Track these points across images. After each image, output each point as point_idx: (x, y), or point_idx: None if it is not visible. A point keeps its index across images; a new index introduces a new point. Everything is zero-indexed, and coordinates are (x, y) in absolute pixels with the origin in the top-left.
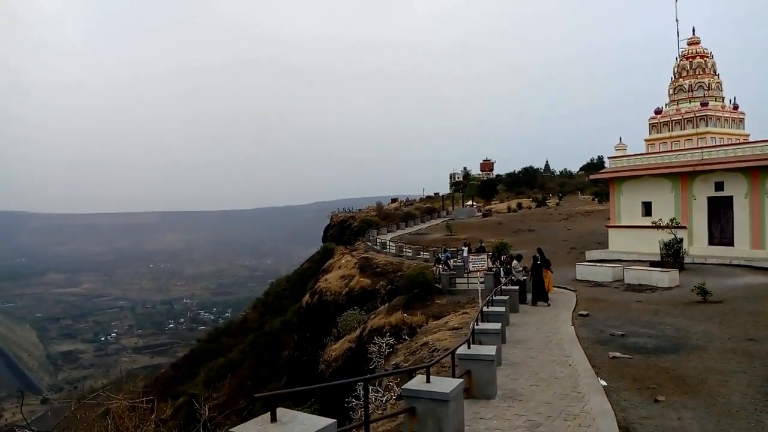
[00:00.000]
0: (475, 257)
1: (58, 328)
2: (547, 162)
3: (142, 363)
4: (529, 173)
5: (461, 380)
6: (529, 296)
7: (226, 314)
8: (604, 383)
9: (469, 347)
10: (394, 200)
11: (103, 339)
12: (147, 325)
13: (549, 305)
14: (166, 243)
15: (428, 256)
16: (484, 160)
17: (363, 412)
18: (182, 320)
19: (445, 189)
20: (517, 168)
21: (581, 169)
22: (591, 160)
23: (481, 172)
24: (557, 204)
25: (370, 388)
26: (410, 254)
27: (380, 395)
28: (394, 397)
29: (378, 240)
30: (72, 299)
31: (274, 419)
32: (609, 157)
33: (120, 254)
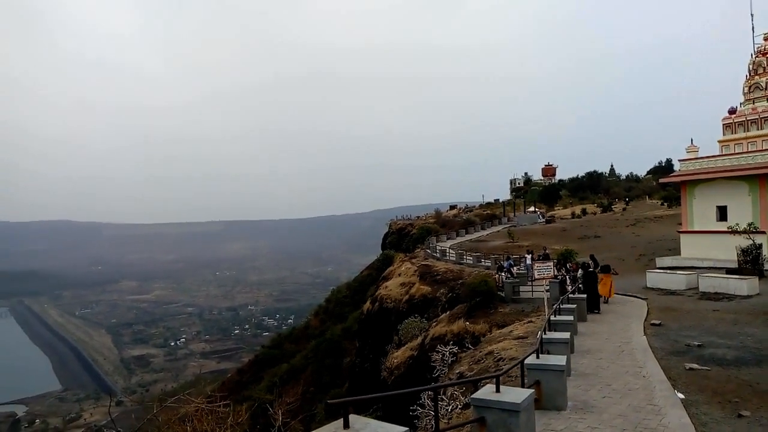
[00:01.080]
0: (541, 264)
1: (131, 333)
2: (612, 166)
3: (209, 368)
4: (593, 178)
5: (531, 391)
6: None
7: (289, 321)
8: (681, 396)
9: (537, 357)
10: (452, 207)
11: (172, 344)
12: (214, 331)
13: (598, 313)
14: (231, 251)
15: (490, 264)
16: (545, 165)
17: (428, 421)
18: (247, 326)
19: (505, 195)
20: (581, 172)
21: (649, 172)
22: (659, 163)
23: (542, 178)
24: (624, 209)
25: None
26: (471, 262)
27: (445, 404)
28: (459, 407)
29: (437, 247)
30: (144, 305)
31: (346, 425)
32: (680, 160)
33: (188, 262)
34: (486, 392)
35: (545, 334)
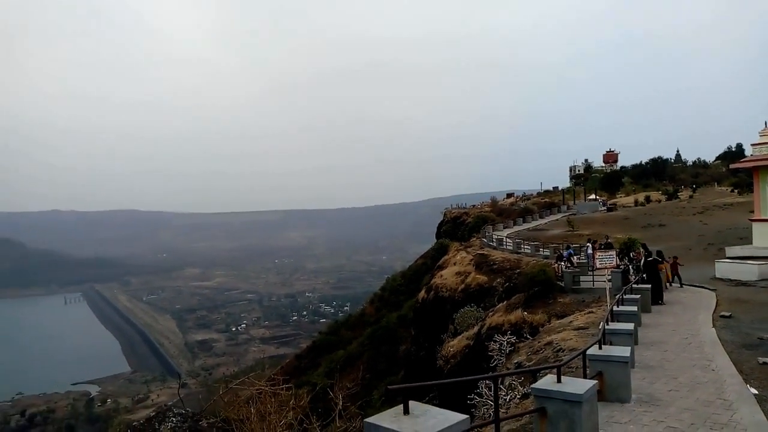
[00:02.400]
0: (603, 254)
1: (195, 318)
2: (678, 151)
3: (269, 353)
4: (657, 164)
5: (594, 382)
6: (665, 295)
7: (345, 308)
8: (754, 391)
9: (600, 348)
10: (509, 195)
11: (234, 329)
12: (273, 317)
13: (663, 304)
14: (289, 239)
15: (548, 253)
16: (607, 152)
17: (486, 410)
18: (305, 313)
19: (564, 182)
20: (644, 158)
21: (717, 158)
22: (728, 148)
23: (604, 164)
24: (690, 196)
25: (493, 386)
26: (529, 251)
27: (503, 393)
28: (518, 397)
29: (494, 236)
30: (206, 292)
31: (406, 412)
32: (752, 144)
33: (248, 250)
34: (547, 382)
35: (608, 325)
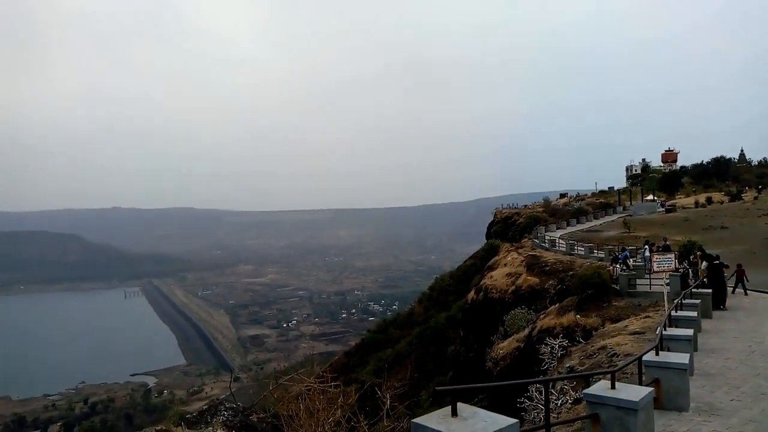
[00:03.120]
0: (661, 256)
1: (247, 313)
2: (741, 150)
3: (318, 349)
4: (720, 163)
5: (651, 389)
6: (727, 300)
7: (394, 306)
8: None
9: (657, 354)
10: (562, 195)
11: (285, 325)
12: (323, 314)
13: (725, 309)
14: (338, 238)
15: (603, 255)
16: (666, 151)
17: (536, 414)
18: (353, 311)
19: (621, 183)
20: (706, 158)
21: None
22: None
23: (662, 164)
24: (755, 198)
25: (544, 390)
26: (582, 252)
27: (554, 398)
28: (569, 402)
29: (546, 237)
30: (258, 288)
31: (455, 413)
32: None
33: (299, 248)
34: (600, 388)
35: (665, 330)
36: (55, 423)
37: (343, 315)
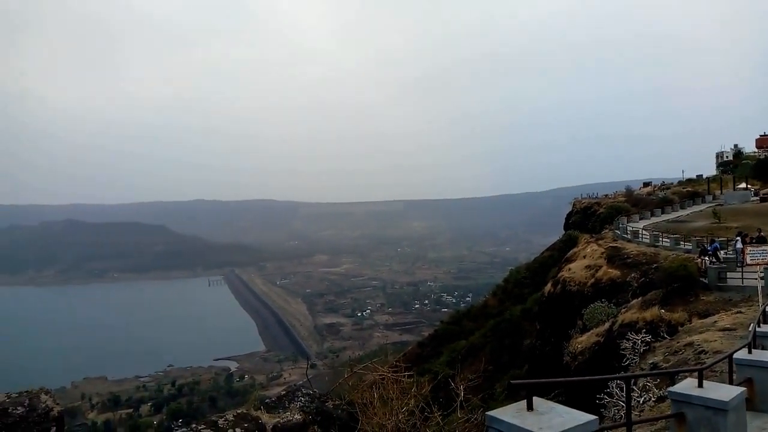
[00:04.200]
0: (755, 248)
1: (323, 302)
2: None
3: (392, 339)
4: None
5: (742, 389)
6: None
7: (467, 298)
8: None
9: (750, 351)
10: (646, 184)
11: (359, 314)
12: (396, 305)
13: None
14: (411, 229)
15: (690, 247)
16: (761, 135)
17: (616, 411)
18: (426, 302)
19: (710, 170)
20: None
21: None
22: None
23: (757, 150)
24: None
25: (625, 386)
26: (668, 244)
27: (636, 395)
28: (652, 399)
29: (628, 228)
30: (334, 278)
31: (530, 407)
32: None
33: (372, 239)
34: (687, 386)
35: (759, 326)
36: (146, 403)
37: (416, 305)
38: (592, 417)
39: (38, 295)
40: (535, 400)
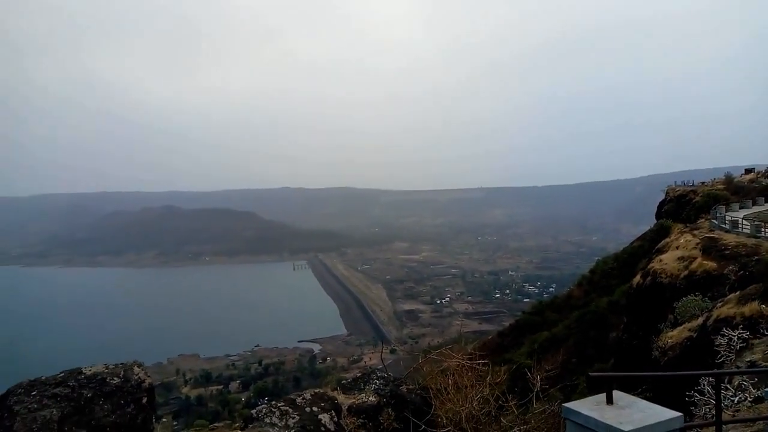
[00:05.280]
0: None
1: (403, 288)
2: None
3: (471, 328)
4: None
5: None
6: None
7: (551, 289)
8: None
9: None
10: (748, 171)
11: (438, 302)
12: (476, 293)
13: None
14: (492, 217)
15: None
16: None
17: (708, 410)
18: (507, 291)
19: None
20: None
21: None
22: None
23: None
24: None
25: (716, 383)
26: None
27: (731, 394)
28: (749, 400)
29: (727, 217)
30: (413, 265)
31: (610, 401)
32: None
33: (452, 227)
34: None
35: None
36: (235, 381)
37: (497, 295)
38: (676, 414)
39: (138, 276)
40: (616, 393)
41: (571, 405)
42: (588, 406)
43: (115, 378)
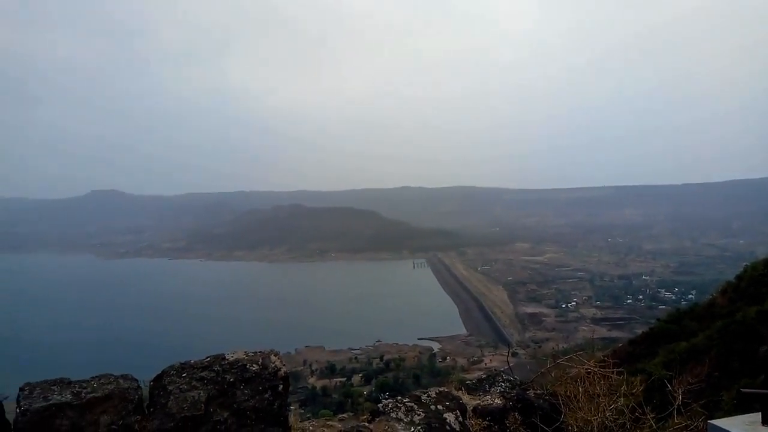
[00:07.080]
0: None
1: (525, 291)
2: None
3: (599, 334)
4: None
5: None
6: None
7: (690, 296)
8: None
9: None
10: None
11: (563, 306)
12: (605, 298)
13: None
14: (622, 217)
15: None
16: None
17: None
18: (641, 297)
19: None
20: None
21: None
22: None
23: None
24: None
25: None
26: None
27: None
28: None
29: None
30: (536, 267)
31: (766, 422)
32: None
33: (578, 227)
34: None
35: None
36: (357, 374)
37: (629, 300)
38: None
39: (271, 270)
40: None
41: (720, 422)
42: (740, 425)
43: (254, 365)
